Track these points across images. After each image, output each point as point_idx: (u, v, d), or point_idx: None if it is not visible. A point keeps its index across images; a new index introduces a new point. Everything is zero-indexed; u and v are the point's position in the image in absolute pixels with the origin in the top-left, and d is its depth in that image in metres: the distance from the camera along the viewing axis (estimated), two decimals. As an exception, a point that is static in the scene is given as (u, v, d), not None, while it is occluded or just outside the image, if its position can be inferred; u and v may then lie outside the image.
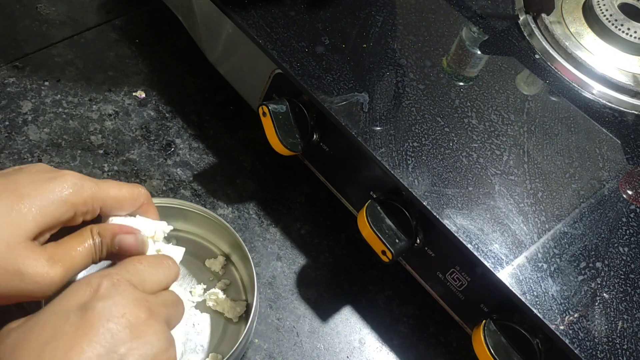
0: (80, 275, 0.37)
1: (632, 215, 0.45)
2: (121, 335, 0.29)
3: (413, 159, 0.44)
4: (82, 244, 0.34)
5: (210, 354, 0.44)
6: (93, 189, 0.35)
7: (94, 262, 0.35)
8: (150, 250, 0.39)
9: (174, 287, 0.38)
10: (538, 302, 0.38)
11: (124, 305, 0.30)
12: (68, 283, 0.33)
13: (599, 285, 0.40)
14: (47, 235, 0.34)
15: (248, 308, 0.46)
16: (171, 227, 0.41)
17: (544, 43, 0.55)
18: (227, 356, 0.41)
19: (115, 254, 0.36)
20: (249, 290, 0.47)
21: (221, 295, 0.46)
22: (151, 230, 0.39)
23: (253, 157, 0.58)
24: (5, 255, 0.31)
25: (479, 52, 0.54)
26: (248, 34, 0.49)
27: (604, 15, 0.57)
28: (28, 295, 0.32)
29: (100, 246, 0.35)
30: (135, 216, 0.39)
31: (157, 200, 0.47)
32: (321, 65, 0.48)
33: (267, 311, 0.49)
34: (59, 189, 0.34)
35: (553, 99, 0.52)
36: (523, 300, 0.38)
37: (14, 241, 0.31)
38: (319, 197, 0.56)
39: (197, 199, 0.54)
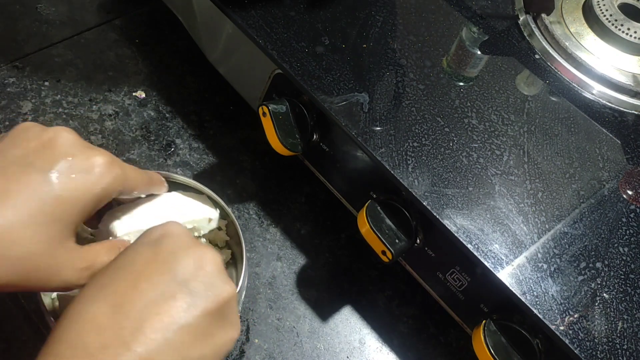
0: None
1: (632, 215, 0.45)
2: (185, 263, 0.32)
3: (413, 159, 0.44)
4: (110, 254, 0.35)
5: None
6: (120, 178, 0.35)
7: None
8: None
9: None
10: (538, 302, 0.38)
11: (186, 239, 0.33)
12: None
13: (599, 286, 0.40)
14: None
15: (234, 257, 0.47)
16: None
17: (544, 43, 0.55)
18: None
19: None
20: (234, 239, 0.46)
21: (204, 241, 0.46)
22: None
23: (253, 157, 0.58)
24: (47, 255, 0.31)
25: (479, 52, 0.54)
26: (248, 34, 0.49)
27: (604, 16, 0.57)
28: (51, 290, 0.33)
29: None
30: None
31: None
32: (321, 65, 0.48)
33: (267, 311, 0.49)
34: (97, 187, 0.33)
35: (553, 99, 0.52)
36: (523, 300, 0.38)
37: (56, 242, 0.31)
38: (319, 197, 0.56)
39: (197, 199, 0.54)
